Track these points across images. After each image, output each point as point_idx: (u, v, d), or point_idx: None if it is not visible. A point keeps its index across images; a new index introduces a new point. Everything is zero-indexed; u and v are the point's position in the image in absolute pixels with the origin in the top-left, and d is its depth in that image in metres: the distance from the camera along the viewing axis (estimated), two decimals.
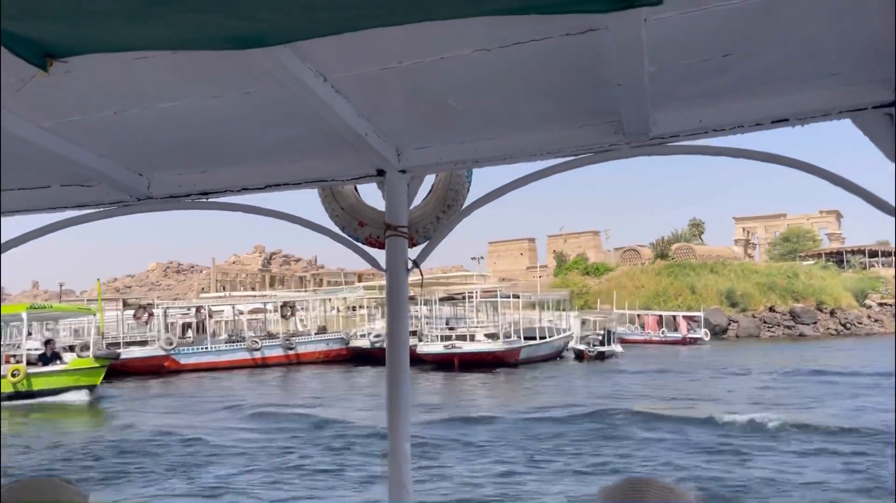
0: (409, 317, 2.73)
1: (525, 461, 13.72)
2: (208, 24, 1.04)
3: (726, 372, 32.57)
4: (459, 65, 1.85)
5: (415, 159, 2.50)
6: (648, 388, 26.23)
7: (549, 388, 27.35)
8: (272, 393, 28.14)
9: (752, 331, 66.91)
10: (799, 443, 14.85)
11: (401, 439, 2.46)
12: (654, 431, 16.63)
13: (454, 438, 16.11)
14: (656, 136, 2.24)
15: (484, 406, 22.22)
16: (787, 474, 12.24)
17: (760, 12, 1.64)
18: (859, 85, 2.08)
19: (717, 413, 18.37)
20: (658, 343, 56.12)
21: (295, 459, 14.47)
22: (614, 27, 1.55)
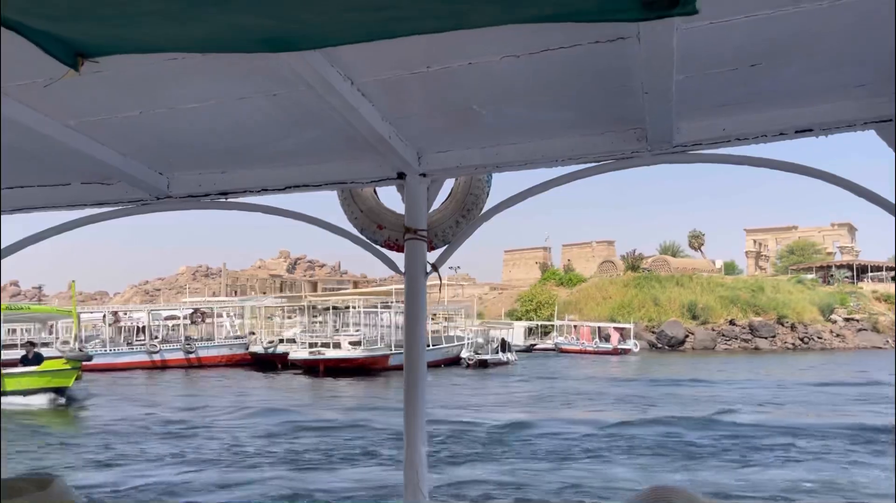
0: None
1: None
2: (245, 25, 1.04)
3: (599, 379, 35.47)
4: (487, 71, 1.90)
5: (435, 163, 2.55)
6: (479, 395, 28.83)
7: (359, 393, 30.67)
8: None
9: (708, 343, 69.06)
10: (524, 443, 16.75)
11: (417, 443, 2.50)
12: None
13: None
14: (679, 144, 2.29)
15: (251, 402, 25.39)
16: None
17: (789, 23, 1.68)
18: (884, 97, 2.11)
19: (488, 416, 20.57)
20: (591, 353, 59.23)
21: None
22: (645, 36, 1.59)
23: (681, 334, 69.84)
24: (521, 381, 34.98)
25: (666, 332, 69.61)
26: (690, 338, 70.09)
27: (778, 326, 71.34)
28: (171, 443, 17.76)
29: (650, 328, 70.73)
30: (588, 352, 59.83)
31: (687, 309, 72.26)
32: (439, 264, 2.69)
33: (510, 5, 0.95)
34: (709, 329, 70.76)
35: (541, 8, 0.95)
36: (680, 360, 53.44)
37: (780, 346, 69.08)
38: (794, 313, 72.12)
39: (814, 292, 76.77)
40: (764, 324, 70.90)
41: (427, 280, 2.66)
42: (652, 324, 71.07)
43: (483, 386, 33.01)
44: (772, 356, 59.76)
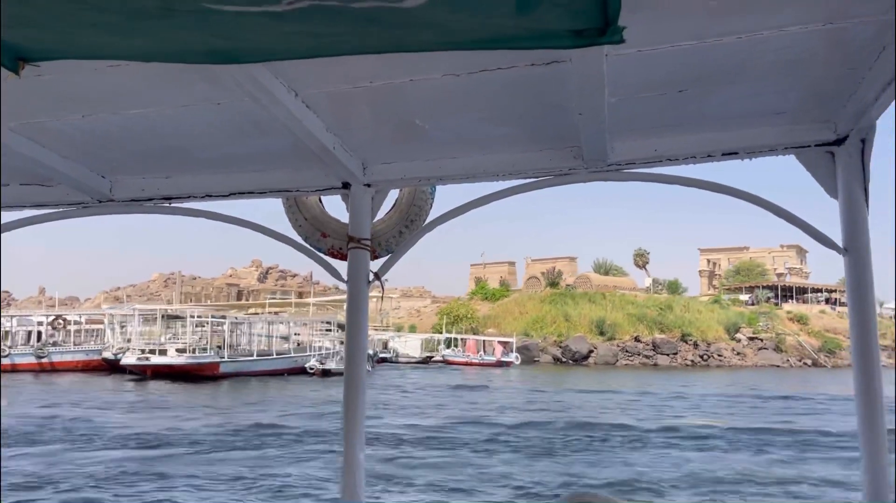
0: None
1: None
2: (189, 40, 1.07)
3: (435, 387, 38.51)
4: (429, 87, 1.96)
5: (380, 174, 2.60)
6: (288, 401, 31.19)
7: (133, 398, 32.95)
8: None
9: (609, 358, 72.05)
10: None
11: (356, 449, 2.54)
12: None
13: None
14: (613, 163, 2.40)
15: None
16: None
17: (713, 54, 1.79)
18: (804, 124, 2.28)
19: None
20: (476, 365, 62.73)
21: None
22: (577, 61, 1.68)
23: (585, 349, 72.91)
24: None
25: (570, 347, 72.78)
26: (594, 353, 73.08)
27: (682, 344, 74.15)
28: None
29: (558, 343, 73.89)
30: (473, 364, 63.33)
31: (596, 325, 75.36)
32: (382, 273, 2.72)
33: (446, 33, 1.02)
34: (614, 345, 73.70)
35: (476, 36, 1.02)
36: (557, 373, 56.60)
37: (679, 363, 71.80)
38: (699, 331, 74.89)
39: (726, 312, 79.39)
40: (666, 341, 73.76)
41: (370, 289, 2.70)
42: (561, 338, 74.29)
43: (299, 392, 35.64)
44: (660, 371, 62.71)
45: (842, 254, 2.31)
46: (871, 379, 2.26)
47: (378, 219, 2.80)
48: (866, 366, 2.26)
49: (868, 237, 2.30)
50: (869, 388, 2.26)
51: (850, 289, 2.33)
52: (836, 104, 2.17)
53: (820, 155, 2.33)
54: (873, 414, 2.24)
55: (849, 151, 2.28)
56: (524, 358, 71.45)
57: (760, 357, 73.56)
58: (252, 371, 44.41)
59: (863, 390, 2.27)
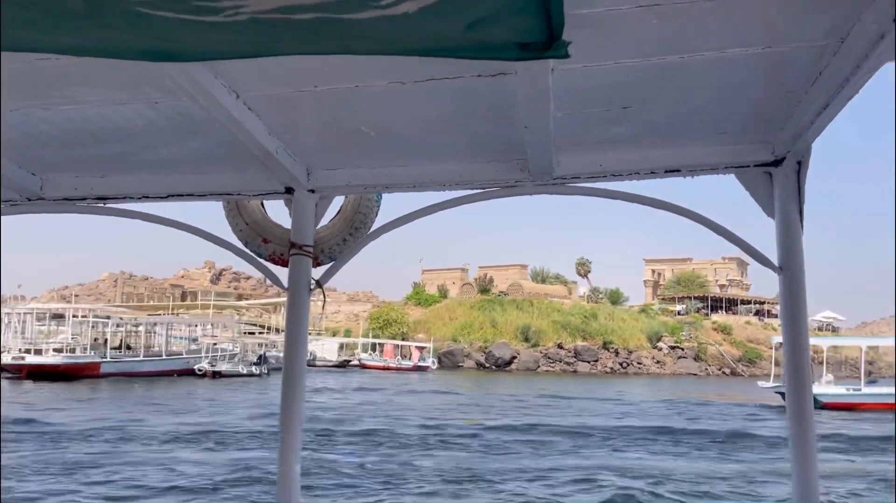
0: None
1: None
2: (120, 38, 1.02)
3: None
4: (374, 94, 1.95)
5: (325, 180, 2.56)
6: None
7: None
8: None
9: (531, 365, 73.28)
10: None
11: (292, 458, 2.52)
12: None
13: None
14: (559, 177, 2.41)
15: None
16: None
17: (656, 72, 1.83)
18: (743, 144, 2.32)
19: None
20: (393, 369, 63.55)
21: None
22: (523, 73, 1.70)
23: (508, 355, 74.09)
24: (229, 391, 37.25)
25: (494, 353, 73.95)
26: (517, 359, 74.23)
27: (603, 351, 75.53)
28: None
29: (483, 348, 75.00)
30: (391, 369, 64.08)
31: (521, 331, 76.60)
32: (324, 281, 2.67)
33: (392, 39, 1.00)
34: (537, 351, 74.91)
35: (422, 43, 1.01)
36: (468, 377, 57.48)
37: (599, 370, 73.15)
38: (621, 340, 76.36)
39: (651, 321, 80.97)
40: (588, 348, 75.16)
41: (311, 296, 2.65)
42: (487, 344, 75.41)
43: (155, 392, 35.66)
44: (575, 377, 63.89)
45: (777, 272, 2.38)
46: (802, 387, 2.35)
47: (322, 225, 2.76)
48: (798, 376, 2.35)
49: (802, 256, 2.37)
50: (800, 397, 2.34)
51: (784, 305, 2.39)
52: (775, 126, 2.22)
53: (758, 175, 2.38)
54: (803, 420, 2.33)
55: (786, 173, 2.34)
56: (448, 363, 72.53)
57: (679, 365, 75.14)
58: (137, 372, 43.80)
59: (794, 398, 2.35)
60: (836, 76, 1.77)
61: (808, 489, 2.30)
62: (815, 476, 2.31)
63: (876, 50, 1.59)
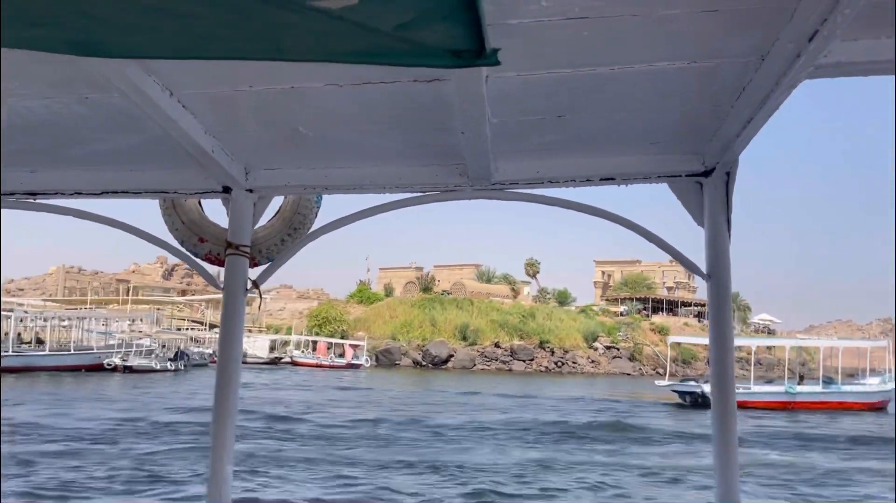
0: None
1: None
2: (43, 28, 0.98)
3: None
4: (310, 96, 1.95)
5: (263, 180, 2.55)
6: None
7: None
8: None
9: (467, 363, 73.91)
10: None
11: (224, 460, 2.48)
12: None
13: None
14: (498, 182, 2.45)
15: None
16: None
17: (588, 83, 1.88)
18: (676, 155, 2.38)
19: None
20: (327, 367, 63.82)
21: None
22: (457, 80, 1.71)
23: (444, 353, 74.65)
24: (133, 388, 37.07)
25: (431, 351, 74.45)
26: (454, 357, 74.75)
27: (539, 350, 76.40)
28: None
29: (420, 347, 75.41)
30: (324, 366, 64.34)
31: (459, 330, 77.21)
32: (261, 281, 2.65)
33: (325, 44, 0.99)
34: (474, 350, 75.53)
35: (355, 48, 0.99)
36: (402, 375, 57.76)
37: (534, 369, 73.99)
38: (558, 339, 77.29)
39: (590, 321, 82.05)
40: (524, 347, 76.01)
41: (247, 296, 2.63)
42: (425, 343, 75.83)
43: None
44: (510, 375, 64.62)
45: (705, 279, 2.45)
46: (726, 389, 2.39)
47: (260, 225, 2.74)
48: (723, 379, 2.40)
49: (729, 264, 2.42)
50: (724, 399, 2.38)
51: (711, 310, 2.45)
52: (705, 138, 2.27)
53: (689, 185, 2.43)
54: (726, 422, 2.37)
55: (715, 183, 2.39)
56: (386, 361, 72.91)
57: (614, 365, 76.31)
58: (40, 366, 42.74)
59: (718, 400, 2.39)
60: (759, 91, 1.83)
61: (730, 489, 2.34)
62: (736, 476, 2.35)
63: (793, 67, 1.65)
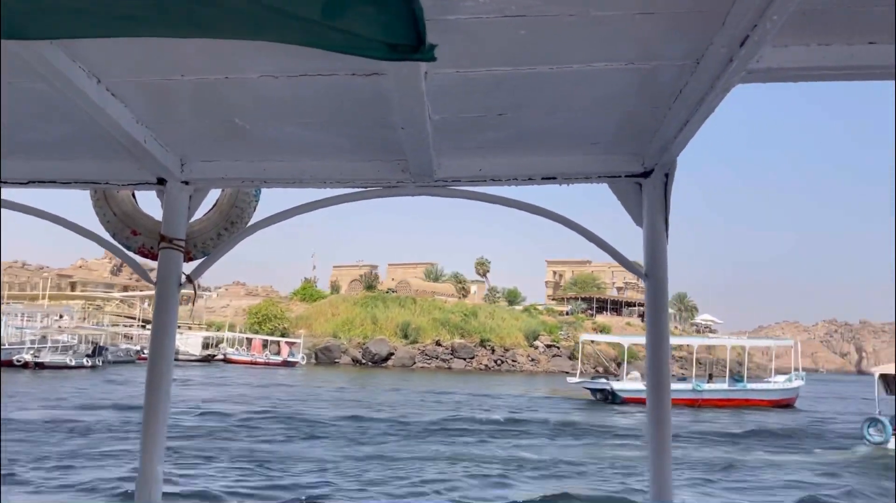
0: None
1: None
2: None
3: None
4: (246, 87, 1.89)
5: (199, 172, 2.48)
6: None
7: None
8: None
9: (406, 361, 73.86)
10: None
11: (154, 459, 2.44)
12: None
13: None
14: (440, 179, 2.44)
15: None
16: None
17: (528, 81, 1.86)
18: (616, 155, 2.41)
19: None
20: (261, 364, 63.39)
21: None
22: (396, 75, 1.69)
23: (385, 351, 74.48)
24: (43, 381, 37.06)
25: (370, 349, 74.18)
26: (394, 355, 74.58)
27: (480, 349, 76.57)
28: None
29: (361, 344, 75.03)
30: (258, 364, 63.99)
31: (401, 328, 77.04)
32: (196, 276, 2.61)
33: (255, 23, 0.97)
34: (415, 348, 75.40)
35: (287, 29, 0.97)
36: (332, 372, 57.46)
37: (474, 367, 74.13)
38: (499, 338, 77.55)
39: (532, 320, 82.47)
40: (464, 346, 76.16)
41: (181, 291, 2.58)
42: (366, 341, 75.46)
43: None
44: (450, 374, 64.56)
45: (643, 278, 2.47)
46: (662, 387, 2.40)
47: (196, 218, 2.68)
48: (659, 376, 2.41)
49: (666, 264, 2.44)
50: (659, 396, 2.39)
51: (649, 309, 2.48)
52: (644, 139, 2.29)
53: (629, 185, 2.46)
54: (662, 420, 2.37)
55: (654, 184, 2.42)
56: (325, 359, 72.51)
57: (553, 363, 76.74)
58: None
59: (654, 397, 2.40)
60: (694, 94, 1.85)
61: (664, 489, 2.34)
62: (669, 476, 2.35)
63: (727, 72, 1.66)
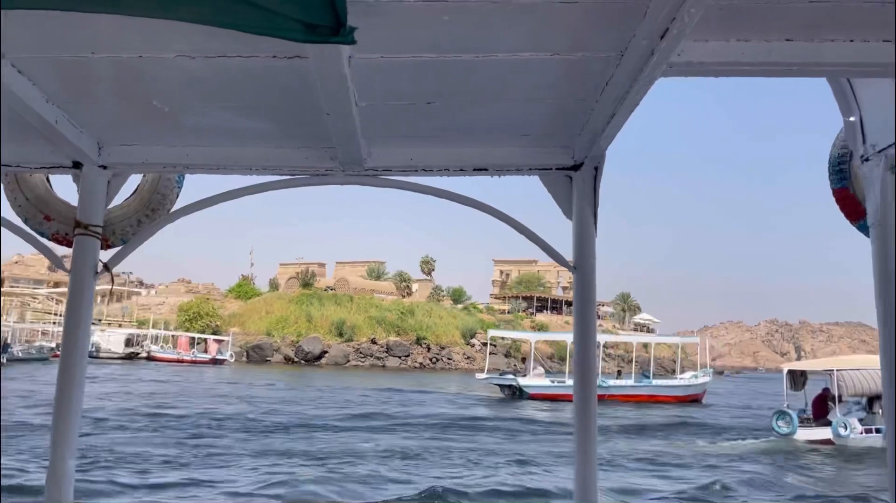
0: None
1: None
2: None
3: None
4: (162, 67, 1.82)
5: (119, 156, 2.39)
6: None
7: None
8: None
9: (340, 359, 73.19)
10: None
11: (66, 453, 2.35)
12: None
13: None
14: (371, 168, 2.41)
15: None
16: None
17: (455, 70, 1.84)
18: (547, 148, 2.40)
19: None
20: (188, 362, 62.04)
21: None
22: (316, 59, 1.62)
23: (318, 349, 73.70)
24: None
25: (304, 347, 73.31)
26: (327, 353, 73.84)
27: (416, 347, 76.28)
28: None
29: (294, 343, 74.10)
30: (185, 362, 62.65)
31: (336, 326, 76.27)
32: (113, 264, 2.52)
33: (166, 0, 0.94)
34: (349, 346, 74.78)
35: (199, 7, 0.94)
36: (260, 371, 56.45)
37: (409, 365, 73.82)
38: (435, 336, 77.35)
39: (469, 318, 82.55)
40: (400, 344, 75.80)
41: (97, 280, 2.47)
42: (300, 338, 74.51)
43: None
44: (384, 372, 64.09)
45: (571, 271, 2.46)
46: (587, 381, 2.38)
47: (115, 204, 2.57)
48: (585, 369, 2.38)
49: (594, 256, 2.44)
50: (585, 390, 2.36)
51: (576, 301, 2.47)
52: (573, 132, 2.27)
53: (559, 178, 2.44)
54: (587, 412, 2.35)
55: (583, 177, 2.41)
56: (257, 357, 71.41)
57: (489, 361, 76.59)
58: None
59: (580, 392, 2.36)
60: (620, 87, 1.83)
61: (588, 488, 2.33)
62: (594, 475, 2.34)
63: (649, 64, 1.65)
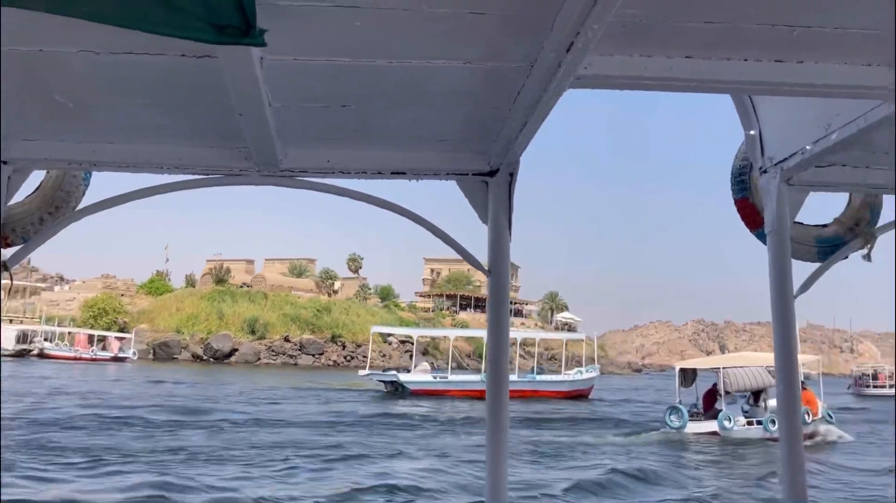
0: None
1: None
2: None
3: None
4: (64, 62, 1.77)
5: (19, 151, 2.32)
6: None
7: None
8: None
9: (250, 357, 71.40)
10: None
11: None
12: None
13: None
14: (286, 169, 2.35)
15: None
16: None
17: (368, 74, 1.81)
18: (464, 153, 2.37)
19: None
20: (87, 360, 59.66)
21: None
22: (226, 59, 1.60)
23: (227, 347, 71.80)
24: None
25: (212, 345, 71.32)
26: (238, 351, 71.90)
27: (331, 345, 74.93)
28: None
29: (203, 340, 71.93)
30: (82, 359, 60.37)
31: (248, 324, 74.37)
32: (13, 263, 2.46)
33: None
34: (262, 344, 72.95)
35: (101, 5, 0.90)
36: (165, 369, 54.46)
37: (322, 363, 72.46)
38: (351, 334, 76.11)
39: (389, 316, 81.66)
40: (313, 341, 74.40)
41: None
42: (210, 336, 72.37)
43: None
44: (295, 370, 62.58)
45: (487, 275, 2.43)
46: (500, 379, 2.39)
47: (15, 201, 2.48)
48: (497, 369, 2.40)
49: (508, 261, 2.41)
50: (497, 388, 2.37)
51: (490, 303, 2.45)
52: (489, 138, 2.26)
53: (476, 183, 2.41)
54: (499, 410, 2.35)
55: (499, 183, 2.39)
56: (163, 354, 69.13)
57: (406, 359, 75.93)
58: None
59: (493, 390, 2.38)
60: (530, 97, 1.86)
61: (498, 488, 2.33)
62: (505, 473, 2.34)
63: (557, 76, 1.68)
